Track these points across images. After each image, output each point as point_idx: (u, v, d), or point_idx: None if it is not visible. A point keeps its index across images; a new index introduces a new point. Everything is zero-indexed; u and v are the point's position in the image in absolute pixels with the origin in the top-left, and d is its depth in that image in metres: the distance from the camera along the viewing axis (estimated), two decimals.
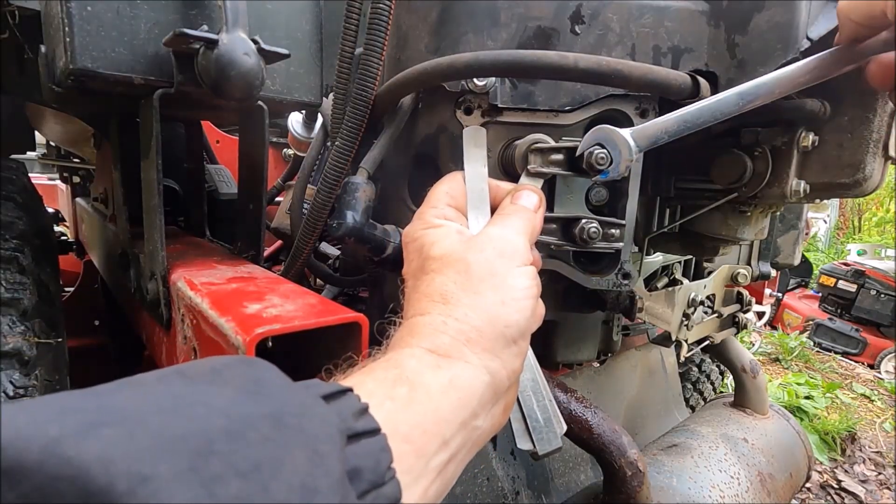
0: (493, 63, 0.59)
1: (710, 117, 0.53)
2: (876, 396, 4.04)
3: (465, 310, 0.42)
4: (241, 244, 0.95)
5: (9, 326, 0.84)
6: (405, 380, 0.37)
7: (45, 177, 2.93)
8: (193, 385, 0.28)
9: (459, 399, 0.39)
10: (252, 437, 0.25)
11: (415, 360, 0.39)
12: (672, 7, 0.64)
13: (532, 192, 0.53)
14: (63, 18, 0.63)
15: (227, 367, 0.31)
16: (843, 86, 0.63)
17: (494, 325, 0.42)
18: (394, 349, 0.42)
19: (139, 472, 0.22)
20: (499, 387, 0.42)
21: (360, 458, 0.30)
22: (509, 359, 0.43)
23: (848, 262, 6.12)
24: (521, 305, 0.44)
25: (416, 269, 0.48)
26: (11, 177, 1.12)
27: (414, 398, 0.36)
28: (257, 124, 0.83)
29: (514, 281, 0.45)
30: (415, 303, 0.45)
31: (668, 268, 1.10)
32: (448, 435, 0.37)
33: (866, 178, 0.63)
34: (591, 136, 0.53)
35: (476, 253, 0.45)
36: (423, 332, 0.42)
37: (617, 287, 0.67)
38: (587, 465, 1.24)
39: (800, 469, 1.14)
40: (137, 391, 0.27)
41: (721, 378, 2.21)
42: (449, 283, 0.44)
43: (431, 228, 0.49)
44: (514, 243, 0.47)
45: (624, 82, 0.58)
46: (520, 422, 0.50)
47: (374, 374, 0.38)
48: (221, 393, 0.28)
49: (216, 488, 0.23)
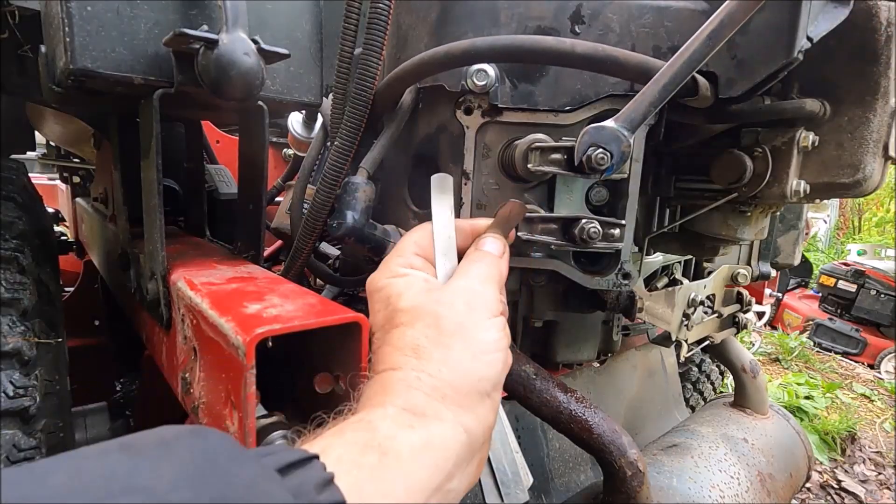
0: (490, 49, 0.59)
1: (687, 70, 0.51)
2: (876, 396, 4.04)
3: (438, 365, 0.42)
4: (241, 244, 0.95)
5: (9, 326, 0.84)
6: (376, 446, 0.36)
7: (45, 177, 2.93)
8: (135, 462, 0.27)
9: (434, 462, 0.37)
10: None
11: (387, 421, 0.38)
12: (672, 7, 0.64)
13: (496, 238, 0.53)
14: (63, 18, 0.63)
15: (176, 438, 0.29)
16: (844, 86, 0.63)
17: (467, 379, 0.42)
18: (365, 407, 0.40)
19: None
20: (474, 443, 0.41)
21: None
22: (484, 413, 0.42)
23: (848, 262, 6.12)
24: (491, 358, 0.44)
25: (383, 322, 0.47)
26: (11, 177, 1.12)
27: (385, 464, 0.35)
28: (257, 124, 0.83)
29: (485, 335, 0.44)
30: (386, 356, 0.44)
31: (668, 268, 1.10)
32: (426, 494, 0.36)
33: (866, 178, 0.63)
34: (584, 140, 0.53)
35: (445, 307, 0.45)
36: (396, 388, 0.41)
37: (617, 287, 0.66)
38: (587, 465, 1.24)
39: (800, 469, 1.14)
40: (76, 470, 0.25)
41: (721, 378, 2.21)
42: (420, 336, 0.43)
43: (397, 277, 0.48)
44: (484, 295, 0.47)
45: (620, 70, 0.58)
46: (489, 476, 0.50)
47: (343, 436, 0.36)
48: (163, 473, 0.26)
49: None
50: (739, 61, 0.61)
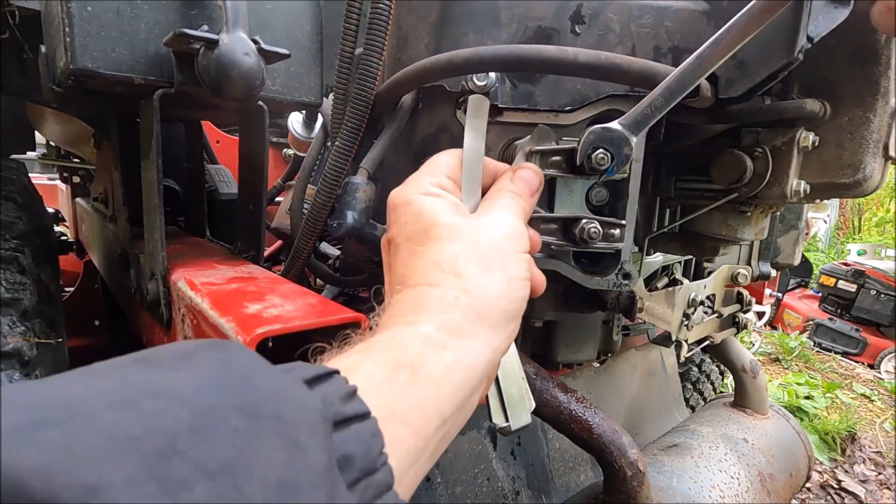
0: (492, 58, 0.59)
1: (693, 76, 0.51)
2: (876, 396, 4.04)
3: (478, 285, 0.42)
4: (241, 244, 0.95)
5: (9, 326, 0.84)
6: (407, 364, 0.36)
7: (45, 177, 2.93)
8: (156, 372, 0.26)
9: (464, 378, 0.38)
10: (221, 432, 0.23)
11: (420, 341, 0.38)
12: (672, 7, 0.64)
13: (534, 172, 0.52)
14: (63, 18, 0.63)
15: (197, 350, 0.28)
16: (844, 86, 0.63)
17: (501, 300, 0.42)
18: (397, 324, 0.40)
19: (87, 482, 0.19)
20: (495, 363, 0.42)
21: (349, 444, 0.28)
22: (509, 334, 0.43)
23: (848, 262, 6.12)
24: (523, 285, 0.45)
25: (413, 233, 0.46)
26: (11, 177, 1.12)
27: (416, 381, 0.35)
28: (257, 124, 0.83)
29: (518, 263, 0.45)
30: (420, 269, 0.43)
31: (669, 268, 1.10)
32: (448, 414, 0.36)
33: (866, 178, 0.63)
34: (588, 141, 0.53)
35: (484, 231, 0.45)
36: (432, 306, 0.40)
37: (617, 287, 0.66)
38: (587, 465, 1.24)
39: (800, 469, 1.14)
40: (93, 380, 0.24)
41: (721, 378, 2.21)
42: (460, 254, 0.43)
43: (429, 196, 0.47)
44: (519, 229, 0.47)
45: (623, 77, 0.58)
46: (496, 398, 0.51)
47: (373, 354, 0.36)
48: (186, 381, 0.25)
49: (180, 494, 0.20)
50: (740, 61, 0.61)
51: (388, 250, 0.48)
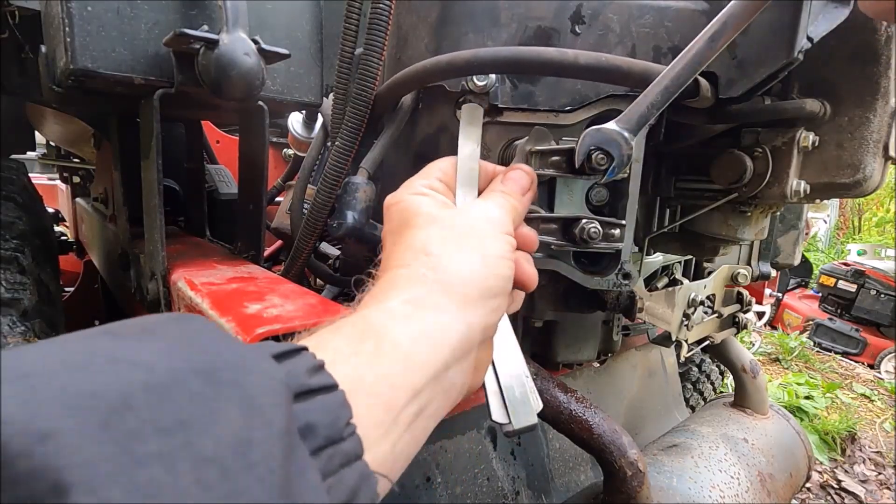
0: (492, 60, 0.59)
1: (689, 72, 0.51)
2: (876, 396, 4.04)
3: (447, 262, 0.42)
4: (241, 244, 0.95)
5: (9, 326, 0.84)
6: (373, 333, 0.36)
7: (45, 177, 2.93)
8: (118, 341, 0.26)
9: (432, 348, 0.38)
10: (178, 393, 0.23)
11: (385, 314, 0.38)
12: (672, 7, 0.64)
13: (524, 172, 0.52)
14: (63, 18, 0.63)
15: (161, 323, 0.28)
16: (844, 86, 0.63)
17: (474, 276, 0.42)
18: (366, 304, 0.41)
19: (38, 429, 0.19)
20: (472, 338, 0.42)
21: (313, 413, 0.28)
22: (486, 313, 0.43)
23: (848, 262, 6.12)
24: (501, 263, 0.45)
25: (396, 227, 0.47)
26: (11, 177, 1.12)
27: (381, 351, 0.35)
28: (257, 124, 0.83)
29: (494, 243, 0.45)
30: (394, 255, 0.45)
31: (669, 268, 1.10)
32: (419, 385, 0.36)
33: (866, 178, 0.63)
34: (585, 143, 0.53)
35: (461, 217, 0.46)
36: (400, 284, 0.41)
37: (617, 287, 0.66)
38: (587, 465, 1.24)
39: (800, 469, 1.14)
40: (51, 348, 0.24)
41: (721, 378, 2.21)
42: (433, 236, 0.44)
43: (418, 195, 0.49)
44: (499, 215, 0.48)
45: (623, 79, 0.58)
46: (496, 395, 0.50)
47: (341, 331, 0.37)
48: (148, 349, 0.25)
49: (133, 445, 0.20)
50: (740, 61, 0.61)
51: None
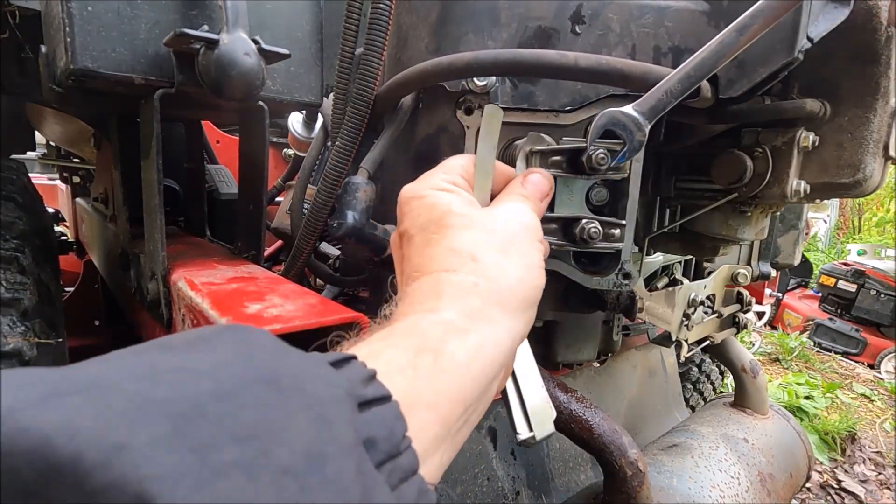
0: (493, 62, 0.60)
1: (713, 63, 0.50)
2: (876, 396, 4.04)
3: (496, 271, 0.41)
4: (241, 244, 0.95)
5: (9, 326, 0.84)
6: (430, 349, 0.35)
7: (45, 177, 2.93)
8: (175, 354, 0.25)
9: (486, 362, 0.37)
10: (246, 401, 0.22)
11: (441, 326, 0.37)
12: (672, 7, 0.64)
13: (544, 177, 0.52)
14: (63, 18, 0.63)
15: (215, 334, 0.28)
16: (844, 86, 0.63)
17: (521, 286, 0.42)
18: (416, 311, 0.39)
19: (113, 440, 0.18)
20: (513, 350, 0.42)
21: (372, 426, 0.27)
22: (525, 323, 0.43)
23: (848, 262, 6.12)
24: (539, 273, 0.45)
25: (427, 223, 0.45)
26: (11, 177, 1.12)
27: (440, 366, 0.35)
28: (257, 124, 0.83)
29: (533, 250, 0.45)
30: (437, 256, 0.43)
31: (669, 268, 1.10)
32: (471, 399, 0.36)
33: (866, 178, 0.63)
34: (601, 123, 0.51)
35: (501, 220, 0.45)
36: (452, 292, 0.40)
37: (617, 287, 0.67)
38: (587, 465, 1.24)
39: (800, 469, 1.14)
40: (110, 363, 0.24)
41: (721, 378, 2.21)
42: (478, 240, 0.43)
43: (443, 191, 0.47)
44: (534, 221, 0.47)
45: (624, 81, 0.58)
46: (518, 406, 0.50)
47: (393, 341, 0.36)
48: (208, 358, 0.25)
49: (208, 455, 0.20)
50: (740, 61, 0.61)
51: (399, 245, 0.48)
